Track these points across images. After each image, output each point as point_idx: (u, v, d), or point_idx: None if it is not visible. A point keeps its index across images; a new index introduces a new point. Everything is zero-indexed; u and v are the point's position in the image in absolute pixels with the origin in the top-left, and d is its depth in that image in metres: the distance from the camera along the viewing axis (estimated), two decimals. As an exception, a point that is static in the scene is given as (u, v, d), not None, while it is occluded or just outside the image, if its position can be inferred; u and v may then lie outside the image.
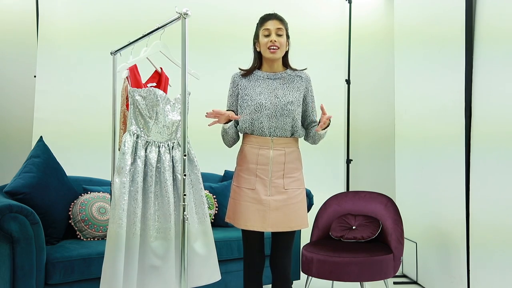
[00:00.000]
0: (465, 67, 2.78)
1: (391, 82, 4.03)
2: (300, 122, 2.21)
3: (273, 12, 2.18)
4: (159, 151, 2.16)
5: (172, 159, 2.20)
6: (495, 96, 2.55)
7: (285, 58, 2.24)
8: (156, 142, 2.16)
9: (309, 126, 2.28)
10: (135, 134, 2.11)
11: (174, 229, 2.12)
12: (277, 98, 2.14)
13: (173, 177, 2.19)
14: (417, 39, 3.50)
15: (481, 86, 2.67)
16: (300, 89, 2.20)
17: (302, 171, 2.24)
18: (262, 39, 2.15)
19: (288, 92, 2.16)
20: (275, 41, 2.11)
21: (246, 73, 2.23)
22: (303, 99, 2.23)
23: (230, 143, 2.27)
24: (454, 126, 2.92)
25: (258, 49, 2.21)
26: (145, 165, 2.10)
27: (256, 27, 2.22)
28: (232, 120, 2.15)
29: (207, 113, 2.00)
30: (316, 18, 4.35)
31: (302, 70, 2.27)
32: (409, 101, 3.64)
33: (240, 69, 2.26)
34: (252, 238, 2.19)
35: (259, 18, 2.21)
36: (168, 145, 2.21)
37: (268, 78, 2.19)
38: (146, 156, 2.11)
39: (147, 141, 2.14)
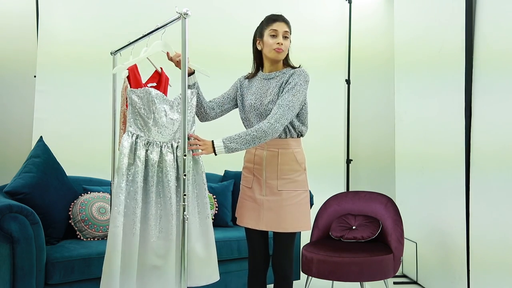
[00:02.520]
0: (465, 74, 2.78)
1: (391, 82, 4.03)
2: (294, 121, 2.11)
3: (280, 14, 2.14)
4: (160, 151, 2.14)
5: (176, 159, 2.17)
6: (495, 101, 2.55)
7: (285, 58, 2.19)
8: (158, 142, 2.15)
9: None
10: (134, 135, 2.10)
11: (175, 229, 2.12)
12: (267, 97, 2.11)
13: (177, 177, 2.17)
14: (417, 46, 3.50)
15: (481, 89, 2.67)
16: (282, 86, 2.09)
17: (304, 172, 2.17)
18: (268, 39, 2.09)
19: (273, 91, 2.10)
20: (282, 44, 2.08)
21: (250, 76, 2.25)
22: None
23: (197, 112, 2.25)
24: (454, 126, 2.91)
25: (259, 48, 2.17)
26: (146, 165, 2.09)
27: (261, 26, 2.16)
28: (193, 73, 2.19)
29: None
30: (316, 18, 4.35)
31: (296, 67, 2.15)
32: (409, 102, 3.64)
33: (249, 73, 2.26)
34: (252, 236, 2.20)
35: (265, 17, 2.15)
36: (172, 145, 2.18)
37: (264, 79, 2.17)
38: (147, 156, 2.10)
39: (148, 141, 2.12)
